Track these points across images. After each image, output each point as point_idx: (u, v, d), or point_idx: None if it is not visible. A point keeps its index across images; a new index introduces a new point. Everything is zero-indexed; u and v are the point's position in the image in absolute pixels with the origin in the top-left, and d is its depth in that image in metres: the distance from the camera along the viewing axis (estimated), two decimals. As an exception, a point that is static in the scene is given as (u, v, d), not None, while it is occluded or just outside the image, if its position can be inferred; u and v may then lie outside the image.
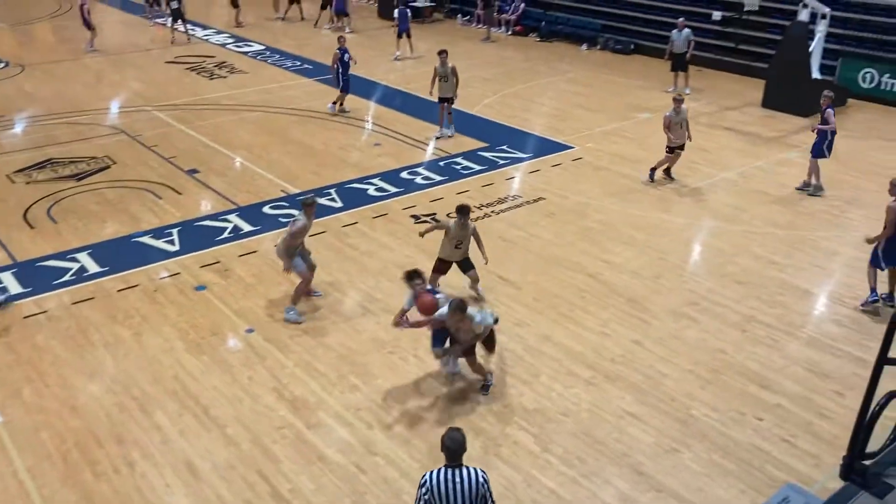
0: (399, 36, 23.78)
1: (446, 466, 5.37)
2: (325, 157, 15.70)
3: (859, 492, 3.90)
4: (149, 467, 7.55)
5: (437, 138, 16.72)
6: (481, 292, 10.47)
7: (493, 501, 5.42)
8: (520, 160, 15.58)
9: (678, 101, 14.09)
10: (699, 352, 9.38)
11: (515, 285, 10.87)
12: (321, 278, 11.01)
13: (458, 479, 5.29)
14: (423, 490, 5.31)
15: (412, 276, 8.70)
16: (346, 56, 17.93)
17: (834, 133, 13.76)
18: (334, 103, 18.35)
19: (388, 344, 9.52)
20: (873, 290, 10.31)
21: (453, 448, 5.35)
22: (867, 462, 4.08)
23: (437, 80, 16.47)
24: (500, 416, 8.28)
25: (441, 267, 10.27)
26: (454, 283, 10.47)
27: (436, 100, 16.76)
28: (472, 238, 10.16)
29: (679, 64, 19.96)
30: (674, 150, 14.23)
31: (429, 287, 9.06)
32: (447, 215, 11.79)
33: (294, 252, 10.04)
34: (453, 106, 16.78)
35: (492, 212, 13.17)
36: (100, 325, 9.89)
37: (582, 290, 10.72)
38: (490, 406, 8.43)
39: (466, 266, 10.35)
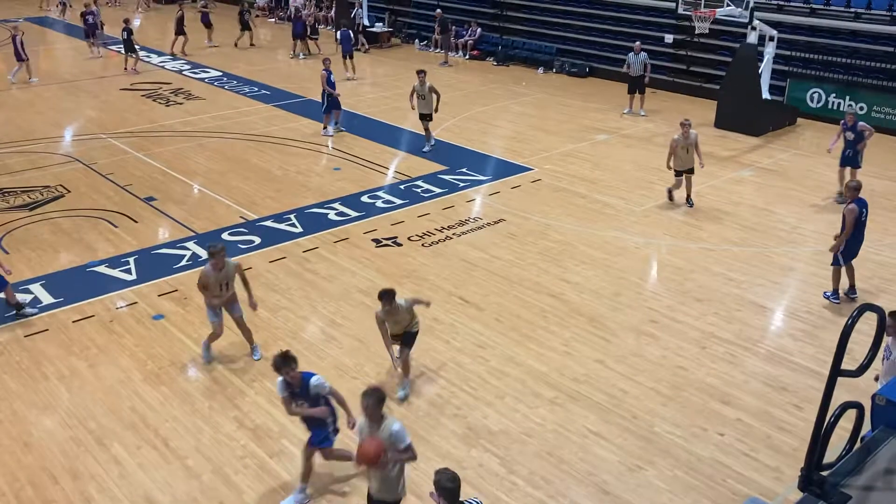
0: (344, 58, 24.13)
1: None
2: (284, 182, 15.62)
3: (818, 503, 3.96)
4: (107, 502, 7.36)
5: (425, 151, 17.35)
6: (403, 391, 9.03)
7: None
8: (479, 182, 15.68)
9: (685, 125, 14.01)
10: (660, 369, 9.48)
11: (478, 306, 10.89)
12: (282, 303, 10.92)
13: None
14: None
15: (284, 361, 6.98)
16: (332, 77, 18.51)
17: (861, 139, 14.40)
18: (326, 127, 18.76)
19: (352, 370, 9.45)
20: (835, 291, 11.04)
21: (454, 487, 5.24)
22: (825, 473, 4.14)
23: (414, 97, 17.06)
24: (464, 438, 8.25)
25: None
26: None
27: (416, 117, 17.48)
28: (410, 313, 8.89)
29: (636, 86, 20.33)
30: (680, 173, 14.29)
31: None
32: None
33: (211, 304, 9.43)
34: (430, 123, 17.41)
35: (453, 234, 13.21)
36: (54, 358, 9.65)
37: (544, 310, 10.78)
38: (454, 429, 8.40)
39: (409, 341, 9.02)
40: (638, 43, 20.37)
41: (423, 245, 12.81)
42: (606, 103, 21.52)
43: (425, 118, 17.24)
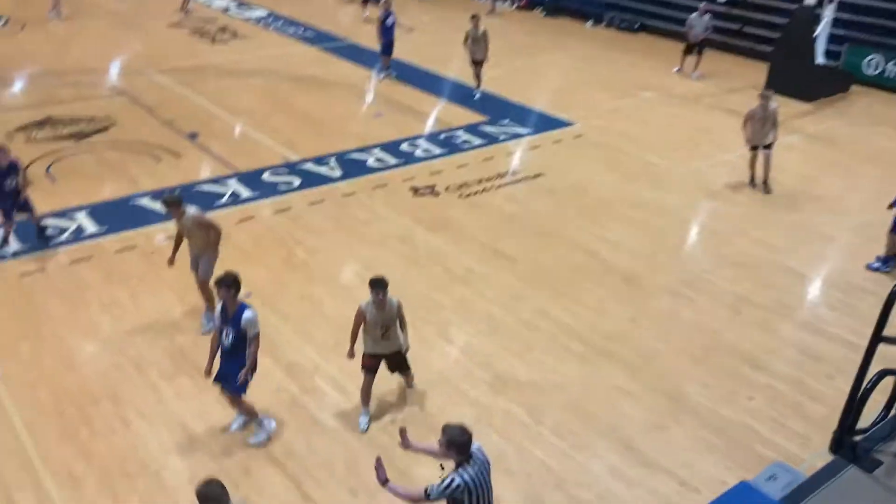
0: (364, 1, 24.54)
1: (464, 462, 5.24)
2: (326, 125, 15.64)
3: (848, 466, 3.97)
4: (144, 426, 7.63)
5: (475, 98, 17.29)
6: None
7: None
8: (521, 135, 15.54)
9: (765, 97, 13.00)
10: (693, 331, 9.45)
11: (512, 260, 10.90)
12: (319, 246, 11.04)
13: (482, 467, 5.29)
14: (457, 490, 5.17)
15: (225, 281, 7.05)
16: (390, 19, 18.25)
17: None
18: (381, 72, 18.63)
19: (385, 313, 9.55)
20: (889, 257, 10.79)
21: (468, 440, 5.25)
22: (857, 437, 4.14)
23: (469, 42, 16.98)
24: (493, 386, 8.35)
25: (372, 364, 7.68)
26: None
27: (469, 62, 17.30)
28: (397, 321, 7.64)
29: (693, 47, 19.73)
30: (756, 148, 13.22)
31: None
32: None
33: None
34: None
35: (491, 186, 13.16)
36: (97, 286, 9.91)
37: (579, 267, 10.76)
38: (483, 376, 8.50)
39: (401, 364, 7.91)
40: (704, 3, 19.76)
41: (460, 196, 12.80)
42: (655, 60, 21.03)
43: (477, 63, 17.18)
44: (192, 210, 8.79)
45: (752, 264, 10.99)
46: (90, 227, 11.35)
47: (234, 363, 7.14)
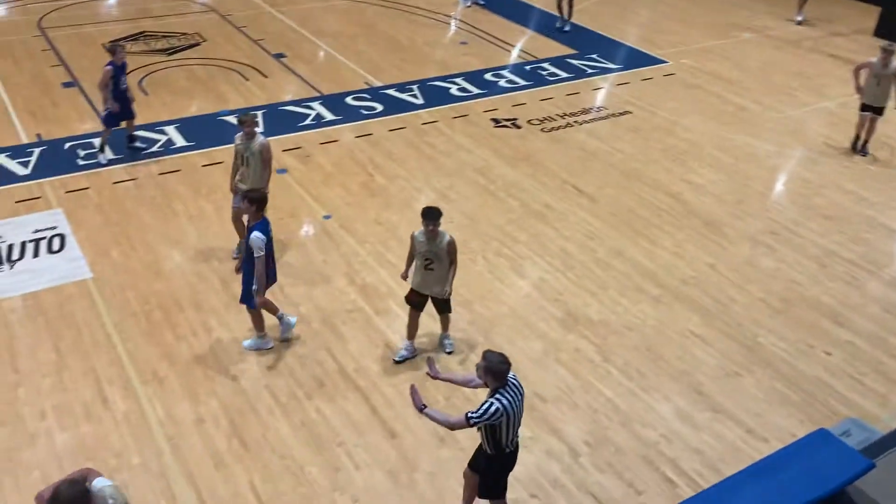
0: None
1: (502, 388, 5.27)
2: (410, 52, 15.53)
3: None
4: (225, 334, 7.95)
5: (565, 31, 16.95)
6: (448, 347, 7.93)
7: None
8: (609, 70, 15.12)
9: (889, 51, 11.65)
10: (773, 281, 9.20)
11: (591, 197, 10.75)
12: (398, 173, 11.10)
13: (516, 393, 5.31)
14: (497, 416, 5.21)
15: (256, 197, 7.28)
16: None
17: None
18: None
19: (461, 244, 9.57)
20: None
21: (504, 369, 5.23)
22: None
23: None
24: (563, 322, 8.36)
25: (414, 299, 7.57)
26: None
27: None
28: (447, 257, 7.32)
29: None
30: (867, 109, 12.00)
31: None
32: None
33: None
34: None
35: (575, 121, 12.92)
36: (184, 197, 10.24)
37: (660, 209, 10.54)
38: (554, 312, 8.51)
39: (441, 306, 7.68)
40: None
41: (542, 130, 12.61)
42: (756, 0, 19.99)
43: None
44: (263, 137, 8.83)
45: (843, 217, 10.56)
46: (179, 140, 11.67)
47: (244, 277, 7.42)
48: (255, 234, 7.14)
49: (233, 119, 12.30)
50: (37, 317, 8.05)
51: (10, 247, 9.08)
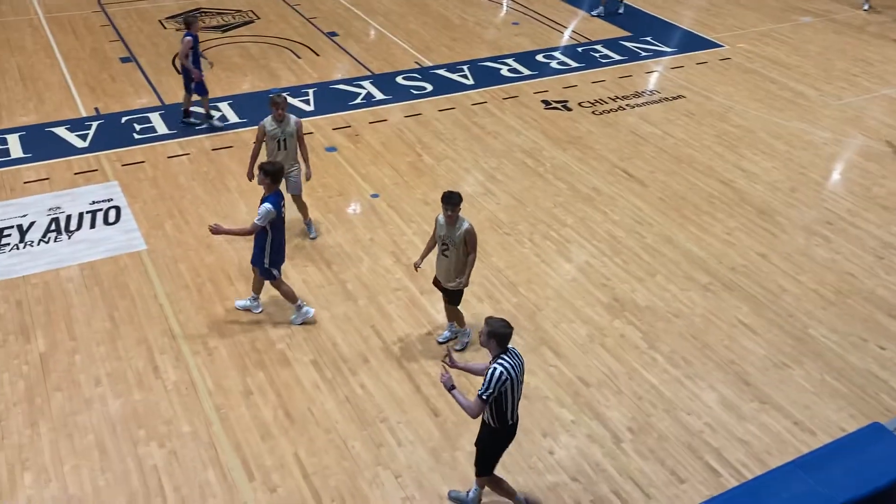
0: None
1: (504, 353, 5.36)
2: (462, 31, 15.45)
3: None
4: (273, 309, 8.08)
5: (620, 12, 16.57)
6: (443, 338, 7.76)
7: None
8: (663, 53, 14.85)
9: None
10: (827, 272, 9.00)
11: (642, 182, 10.61)
12: (447, 153, 11.10)
13: (516, 360, 5.41)
14: (503, 381, 5.29)
15: (273, 169, 7.30)
16: None
17: None
18: None
19: (505, 226, 9.58)
20: None
21: (507, 333, 5.33)
22: None
23: None
24: (609, 307, 8.31)
25: (436, 284, 7.55)
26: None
27: None
28: (463, 246, 7.08)
29: None
30: None
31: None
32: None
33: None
34: None
35: (626, 105, 12.74)
36: (236, 173, 10.39)
37: (712, 195, 10.37)
38: (600, 297, 8.45)
39: (449, 296, 7.44)
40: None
41: (593, 112, 12.47)
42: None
43: None
44: (293, 116, 8.79)
45: (903, 209, 10.27)
46: (232, 116, 11.83)
47: (254, 245, 7.51)
48: (266, 205, 7.19)
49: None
50: (93, 286, 8.28)
51: (69, 217, 9.34)
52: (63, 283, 8.31)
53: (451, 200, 6.90)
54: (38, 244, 8.87)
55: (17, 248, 8.78)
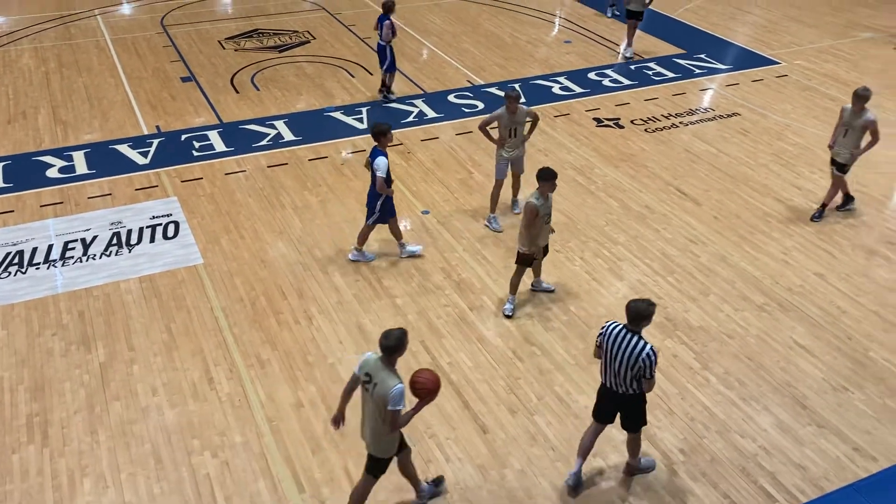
0: None
1: (626, 327, 5.87)
2: (513, 50, 15.53)
3: None
4: (325, 323, 8.19)
5: (628, 57, 15.29)
6: (544, 286, 8.79)
7: (651, 377, 5.83)
8: (717, 71, 14.69)
9: None
10: (889, 294, 8.74)
11: (696, 201, 10.48)
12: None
13: (626, 342, 5.81)
14: (599, 334, 6.01)
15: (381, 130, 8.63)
16: None
17: None
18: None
19: (557, 244, 9.55)
20: None
21: (633, 315, 5.82)
22: None
23: None
24: (661, 326, 8.20)
25: (528, 260, 8.28)
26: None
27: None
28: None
29: None
30: None
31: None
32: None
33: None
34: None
35: (680, 122, 12.62)
36: (290, 190, 10.59)
37: (767, 214, 10.18)
38: (654, 317, 8.32)
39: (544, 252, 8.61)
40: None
41: (646, 130, 12.39)
42: (880, -3, 18.99)
43: (635, 17, 15.07)
44: (524, 107, 9.63)
45: (970, 229, 9.92)
46: (287, 134, 12.07)
47: (369, 194, 8.81)
48: (382, 158, 8.46)
49: (339, 115, 12.66)
50: (151, 298, 8.52)
51: (129, 232, 9.63)
52: (123, 296, 8.56)
53: (553, 176, 8.04)
54: (100, 257, 9.16)
55: (81, 262, 9.09)
